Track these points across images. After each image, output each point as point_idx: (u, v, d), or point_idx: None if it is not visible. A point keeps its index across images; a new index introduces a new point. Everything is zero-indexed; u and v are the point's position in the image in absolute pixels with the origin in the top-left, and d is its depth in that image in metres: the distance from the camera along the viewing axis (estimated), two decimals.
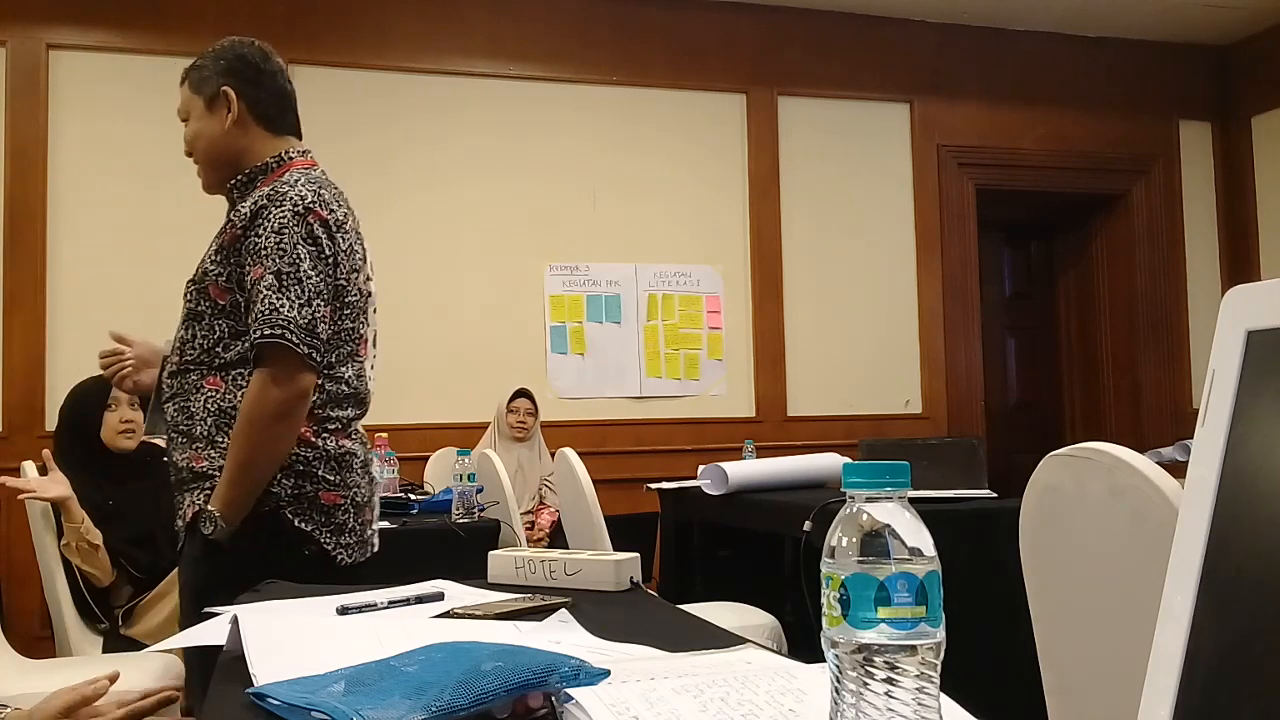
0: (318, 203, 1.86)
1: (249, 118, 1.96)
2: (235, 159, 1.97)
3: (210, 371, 1.88)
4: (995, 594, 1.89)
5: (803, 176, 5.58)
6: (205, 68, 1.97)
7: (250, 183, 1.96)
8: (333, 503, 1.87)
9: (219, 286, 1.87)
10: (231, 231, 1.87)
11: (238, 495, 1.80)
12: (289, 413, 1.80)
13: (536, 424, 4.64)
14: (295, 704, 0.83)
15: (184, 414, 1.90)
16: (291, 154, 1.99)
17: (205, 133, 1.97)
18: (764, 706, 0.78)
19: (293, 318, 1.78)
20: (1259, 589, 0.50)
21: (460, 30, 5.12)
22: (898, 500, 0.64)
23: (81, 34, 4.66)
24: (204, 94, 1.96)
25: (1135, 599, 1.20)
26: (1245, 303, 0.56)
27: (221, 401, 1.86)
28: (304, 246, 1.82)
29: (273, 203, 1.84)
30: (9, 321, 4.47)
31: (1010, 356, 6.59)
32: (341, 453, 1.90)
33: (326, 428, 1.89)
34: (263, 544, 1.81)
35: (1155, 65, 6.16)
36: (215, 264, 1.88)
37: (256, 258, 1.81)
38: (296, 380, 1.79)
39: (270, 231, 1.82)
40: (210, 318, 1.88)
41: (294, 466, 1.84)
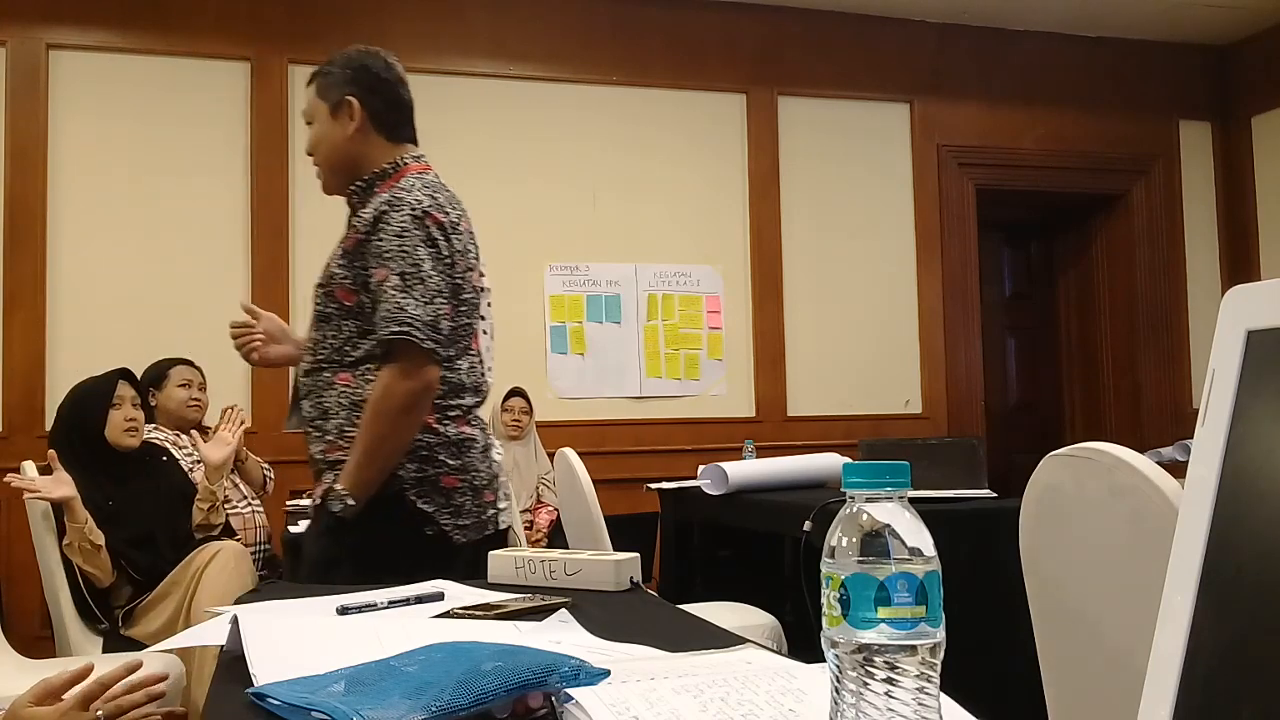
0: (434, 207, 1.98)
1: (369, 126, 2.06)
2: (355, 164, 2.08)
3: (341, 369, 2.00)
4: (995, 594, 1.89)
5: (803, 176, 5.58)
6: (332, 74, 2.09)
7: (369, 189, 2.06)
8: (453, 486, 1.98)
9: (345, 289, 1.99)
10: (354, 237, 1.99)
11: (365, 478, 1.91)
12: (415, 405, 1.92)
13: (531, 423, 4.65)
14: (295, 704, 0.83)
15: (318, 409, 2.02)
16: (406, 159, 2.08)
17: (328, 138, 2.08)
18: (764, 706, 0.78)
19: (418, 315, 1.90)
20: (1259, 589, 0.50)
21: (460, 30, 5.12)
22: (898, 500, 0.64)
23: (81, 34, 4.66)
24: (329, 100, 2.08)
25: (1135, 599, 1.20)
26: (1245, 303, 0.56)
27: (353, 395, 1.98)
28: (424, 248, 1.94)
29: (392, 208, 1.95)
30: (9, 321, 4.47)
31: (1010, 356, 6.59)
32: (462, 438, 2.01)
33: (448, 415, 2.00)
34: (387, 523, 1.92)
35: (1155, 65, 6.16)
36: (341, 268, 2.00)
37: (380, 260, 1.93)
38: (422, 373, 1.91)
39: (392, 235, 1.93)
40: (338, 319, 2.01)
41: (418, 451, 1.95)
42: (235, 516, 3.54)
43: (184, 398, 3.67)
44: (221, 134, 4.78)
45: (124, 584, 3.04)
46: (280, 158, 4.81)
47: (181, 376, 3.70)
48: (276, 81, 4.83)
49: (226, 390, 4.26)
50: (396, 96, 2.11)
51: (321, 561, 1.93)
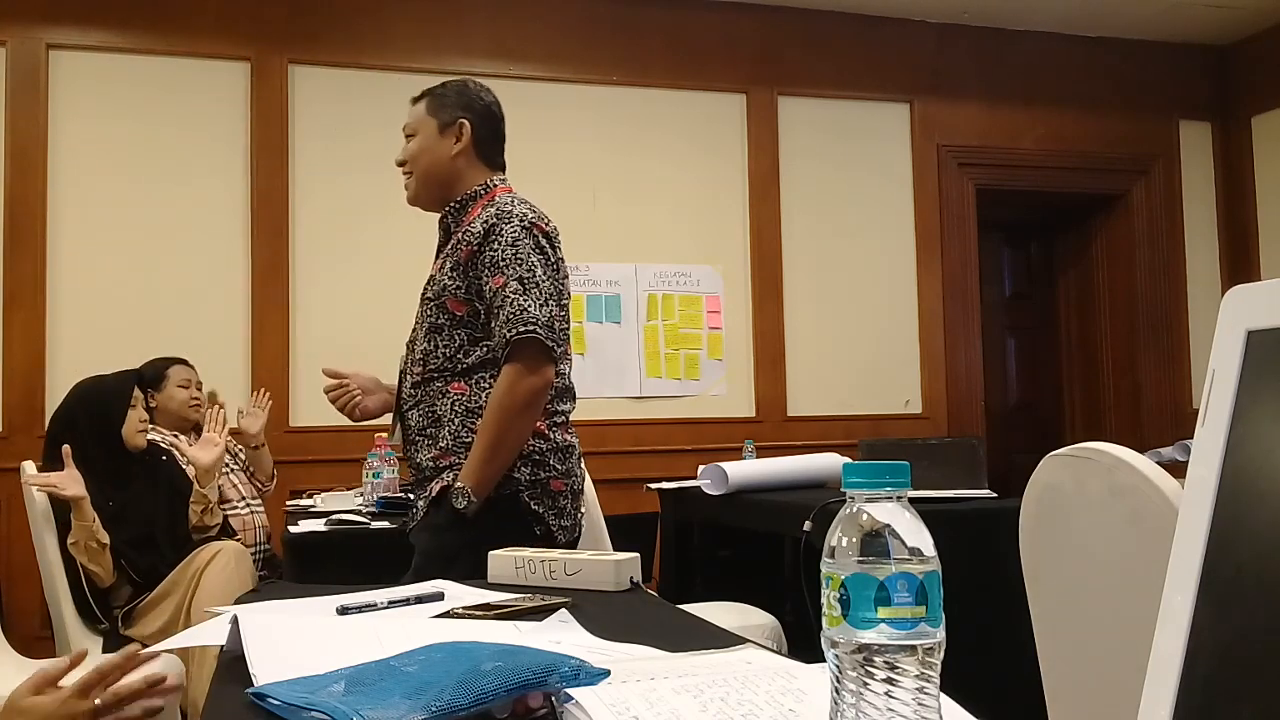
0: (538, 218, 2.12)
1: (473, 149, 2.22)
2: (450, 182, 2.22)
3: (454, 377, 2.11)
4: (995, 594, 1.89)
5: (803, 176, 5.58)
6: (447, 97, 2.25)
7: (463, 209, 2.20)
8: (559, 490, 2.12)
9: (457, 300, 2.10)
10: (467, 249, 2.09)
11: (488, 474, 2.01)
12: (535, 401, 2.04)
13: None
14: (295, 704, 0.83)
15: (429, 418, 2.12)
16: (496, 182, 2.24)
17: (432, 152, 2.23)
18: (764, 706, 0.78)
19: (538, 316, 2.02)
20: (1259, 589, 0.50)
21: (460, 30, 5.12)
22: (898, 500, 0.64)
23: (81, 34, 4.66)
24: (439, 118, 2.23)
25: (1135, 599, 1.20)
26: (1245, 303, 0.56)
27: (468, 403, 2.09)
28: (535, 255, 2.07)
29: (502, 220, 2.08)
30: (9, 321, 4.47)
31: (1010, 356, 6.59)
32: (566, 445, 2.16)
33: (555, 421, 2.14)
34: (504, 522, 2.01)
35: (1155, 65, 6.16)
36: (452, 279, 2.11)
37: (496, 269, 2.04)
38: (544, 371, 2.04)
39: (506, 245, 2.05)
40: (450, 329, 2.12)
41: (531, 456, 2.08)
42: (234, 518, 3.54)
43: (185, 398, 3.68)
44: (221, 134, 4.78)
45: (124, 584, 3.04)
46: (280, 158, 4.81)
47: (180, 377, 3.70)
48: (276, 81, 4.83)
49: (227, 390, 4.26)
50: (500, 129, 2.29)
51: (442, 555, 1.99)
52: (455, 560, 1.90)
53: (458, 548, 1.96)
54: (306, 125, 4.88)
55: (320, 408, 4.89)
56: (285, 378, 4.74)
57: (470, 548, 1.90)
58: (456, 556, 1.92)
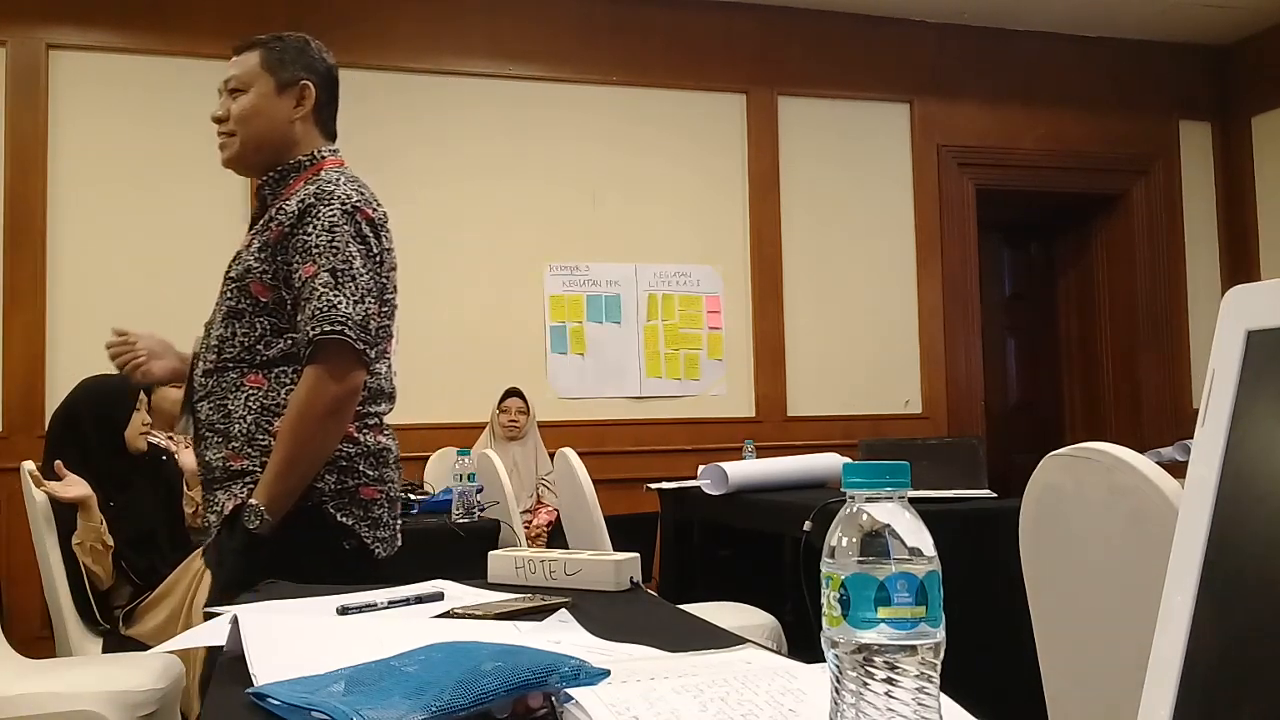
0: (364, 202, 1.90)
1: (312, 117, 2.01)
2: (284, 148, 2.00)
3: (251, 369, 1.88)
4: (995, 594, 1.89)
5: (803, 176, 5.58)
6: (286, 53, 2.03)
7: (283, 179, 1.98)
8: (371, 498, 1.90)
9: (262, 284, 1.87)
10: (278, 229, 1.87)
11: (283, 490, 1.80)
12: (340, 409, 1.82)
13: (530, 422, 4.65)
14: (295, 704, 0.83)
15: (220, 412, 1.89)
16: (324, 153, 2.02)
17: (268, 113, 2.00)
18: (764, 706, 0.78)
19: (349, 314, 1.80)
20: (1259, 589, 0.50)
21: (460, 30, 5.12)
22: (898, 500, 0.64)
23: (81, 34, 4.66)
24: (279, 76, 2.01)
25: (1135, 599, 1.20)
26: (1245, 303, 0.56)
27: (264, 399, 1.87)
28: (355, 245, 1.85)
29: (320, 201, 1.86)
30: (9, 321, 4.47)
31: (1010, 356, 6.59)
32: (380, 448, 1.94)
33: (367, 423, 1.93)
34: (305, 538, 1.82)
35: (1155, 65, 6.16)
36: (259, 261, 1.88)
37: (307, 255, 1.83)
38: (351, 377, 1.82)
39: (321, 230, 1.83)
40: (251, 315, 1.89)
41: (337, 462, 1.86)
42: None
43: (178, 397, 3.66)
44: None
45: (124, 584, 3.04)
46: None
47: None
48: None
49: None
50: (336, 94, 2.08)
51: (234, 583, 1.77)
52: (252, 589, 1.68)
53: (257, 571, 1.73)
54: None
55: None
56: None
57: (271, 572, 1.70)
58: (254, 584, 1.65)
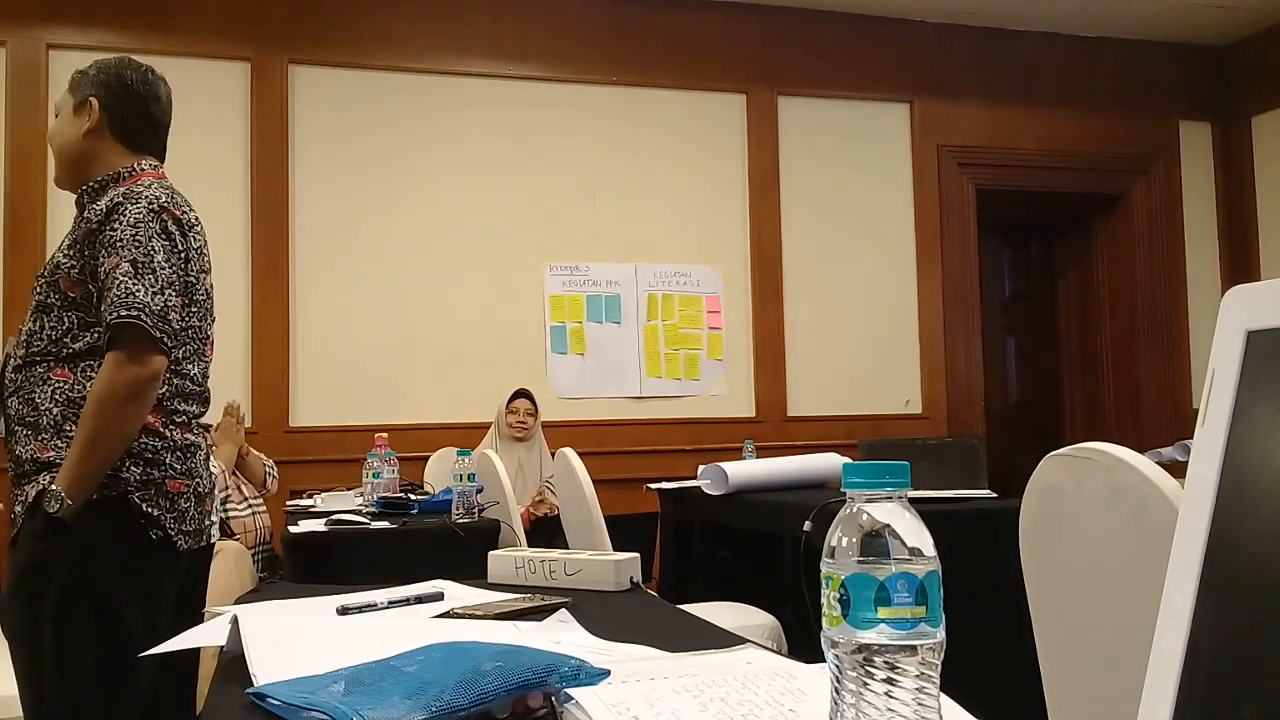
0: (171, 203, 1.96)
1: (106, 130, 2.06)
2: (84, 163, 2.06)
3: (58, 363, 1.93)
4: (995, 594, 1.89)
5: (803, 176, 5.58)
6: (85, 75, 2.09)
7: (101, 190, 2.03)
8: (178, 490, 1.95)
9: (70, 279, 1.93)
10: (86, 227, 1.93)
11: (84, 473, 1.83)
12: (140, 393, 1.86)
13: (537, 424, 4.64)
14: (295, 704, 0.83)
15: (29, 406, 1.93)
16: (144, 166, 2.07)
17: (64, 132, 2.08)
18: (764, 706, 0.78)
19: (146, 302, 1.85)
20: (1259, 589, 0.50)
21: (460, 30, 5.12)
22: (898, 500, 0.64)
23: (81, 34, 4.66)
24: (74, 97, 2.08)
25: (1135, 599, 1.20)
26: (1245, 303, 0.56)
27: (70, 392, 1.91)
28: (158, 240, 1.91)
29: (128, 200, 1.92)
30: (9, 322, 4.47)
31: (1010, 356, 6.59)
32: (186, 444, 1.99)
33: (174, 420, 1.97)
34: (109, 526, 1.86)
35: (1155, 65, 6.16)
36: (68, 257, 1.94)
37: (111, 249, 1.88)
38: (149, 362, 1.86)
39: (126, 225, 1.89)
40: (59, 310, 1.94)
41: (143, 454, 1.91)
42: (235, 520, 3.54)
43: None
44: (221, 134, 4.78)
45: None
46: (280, 158, 4.81)
47: None
48: (276, 81, 4.83)
49: (227, 390, 4.26)
50: (145, 111, 2.10)
51: (32, 565, 1.83)
52: (53, 569, 1.80)
53: (58, 556, 1.81)
54: (306, 125, 4.88)
55: (320, 408, 4.92)
56: (285, 378, 4.74)
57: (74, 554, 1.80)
58: (54, 565, 1.80)
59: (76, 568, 1.76)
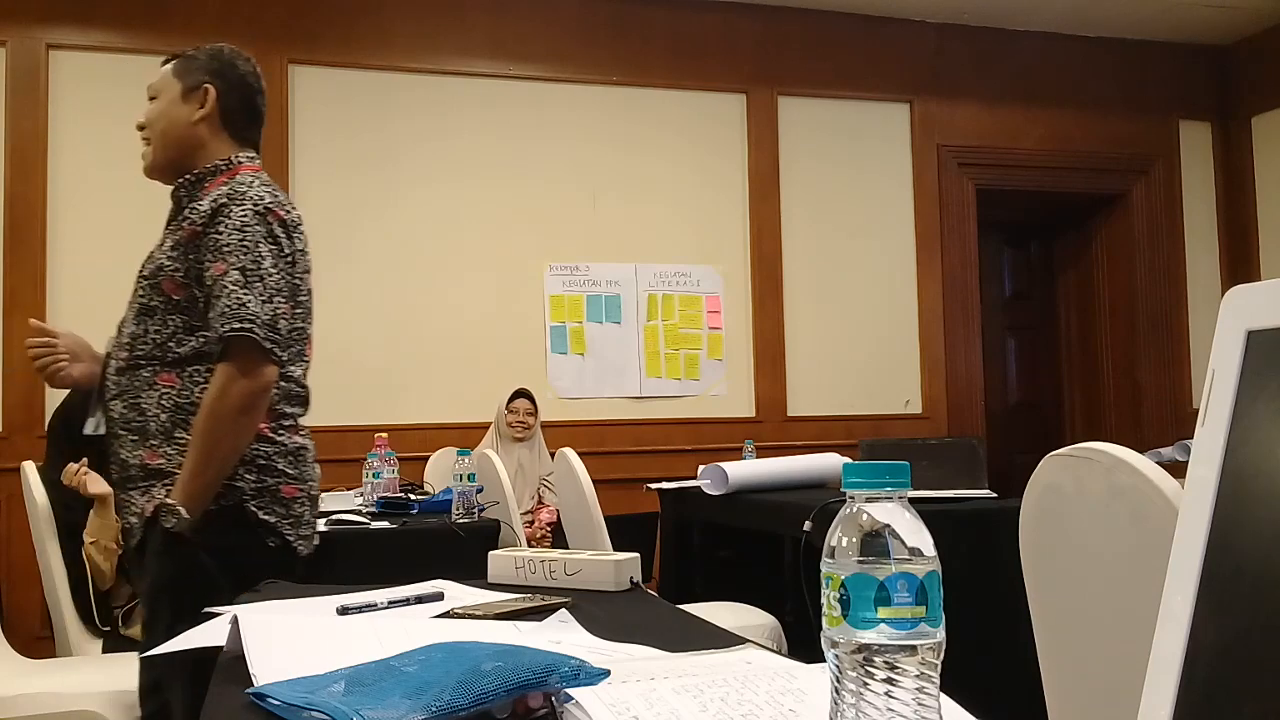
0: (275, 204, 1.91)
1: (217, 119, 2.02)
2: (190, 151, 2.01)
3: (164, 367, 1.90)
4: (995, 594, 1.89)
5: (803, 176, 5.58)
6: (196, 60, 2.04)
7: (199, 183, 1.99)
8: (292, 495, 1.93)
9: (174, 281, 1.90)
10: (190, 228, 1.90)
11: (200, 488, 1.81)
12: (253, 406, 1.83)
13: (537, 424, 4.64)
14: (295, 704, 0.83)
15: (135, 410, 1.90)
16: (241, 158, 2.03)
17: (170, 115, 2.02)
18: (764, 706, 0.78)
19: (257, 313, 1.82)
20: (1259, 589, 0.50)
21: (460, 30, 5.12)
22: (898, 500, 0.64)
23: (81, 34, 4.66)
24: (184, 82, 2.02)
25: (1135, 599, 1.20)
26: (1245, 303, 0.56)
27: (178, 397, 1.88)
28: (265, 244, 1.86)
29: (233, 201, 1.87)
30: (9, 321, 4.47)
31: (1010, 356, 6.58)
32: (297, 447, 1.96)
33: (283, 424, 1.95)
34: (228, 536, 1.84)
35: (1155, 65, 6.16)
36: (171, 259, 1.90)
37: (218, 254, 1.84)
38: (261, 374, 1.83)
39: (233, 229, 1.85)
40: (163, 313, 1.91)
41: (255, 461, 1.88)
42: None
43: None
44: None
45: (123, 584, 3.04)
46: (280, 158, 4.80)
47: None
48: (276, 81, 4.83)
49: None
50: (254, 103, 2.09)
51: (165, 584, 1.82)
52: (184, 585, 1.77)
53: (185, 575, 1.80)
54: (306, 125, 4.88)
55: (320, 408, 4.90)
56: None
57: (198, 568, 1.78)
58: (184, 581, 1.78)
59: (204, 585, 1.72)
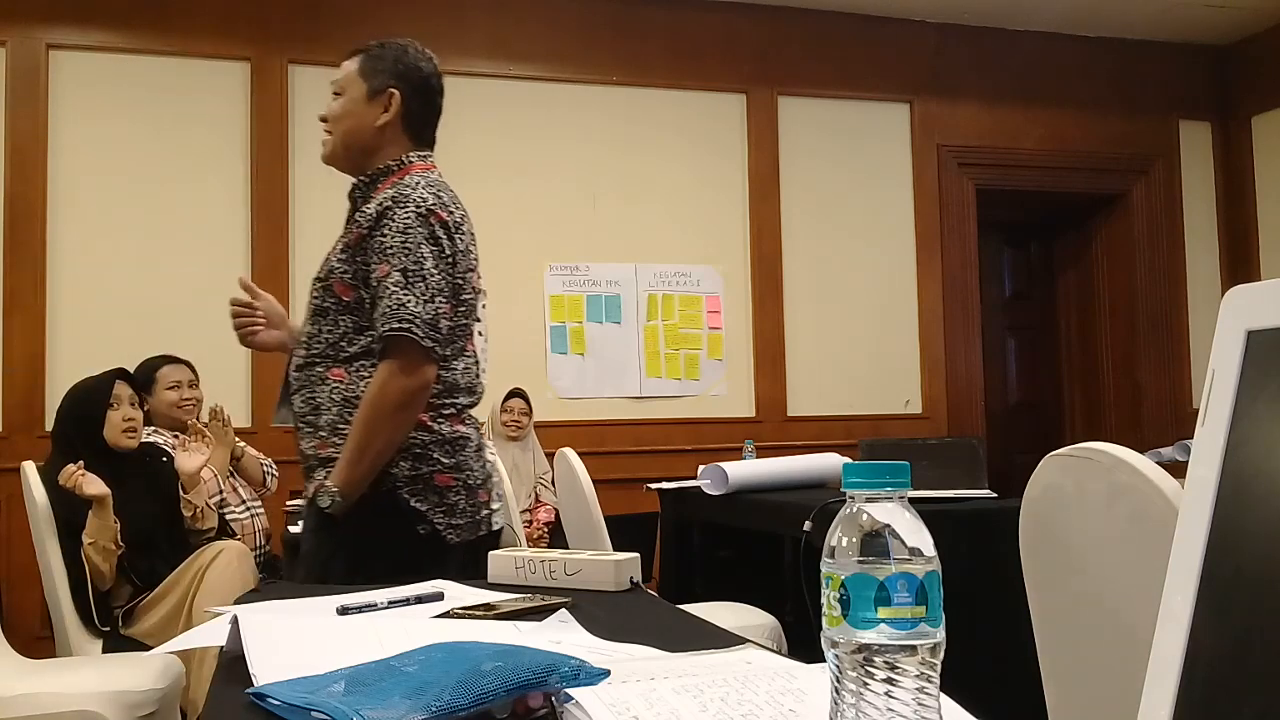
0: (438, 205, 1.99)
1: (400, 123, 2.08)
2: (370, 152, 2.09)
3: (335, 364, 2.01)
4: (995, 594, 1.89)
5: (803, 176, 5.57)
6: (383, 59, 2.09)
7: (373, 183, 2.08)
8: (446, 484, 1.98)
9: (344, 283, 2.00)
10: (357, 231, 1.99)
11: (356, 475, 1.91)
12: (410, 402, 1.93)
13: (530, 424, 4.65)
14: (295, 704, 0.83)
15: (310, 405, 2.03)
16: (413, 158, 2.09)
17: (356, 115, 2.08)
18: (764, 706, 0.78)
19: (418, 313, 1.91)
20: (1259, 589, 0.50)
21: (460, 30, 5.12)
22: (898, 500, 0.64)
23: (81, 34, 4.66)
24: (370, 83, 2.08)
25: (1135, 599, 1.20)
26: (1245, 303, 0.56)
27: (346, 391, 1.99)
28: (427, 246, 1.95)
29: (397, 204, 1.96)
30: (9, 321, 4.47)
31: (1010, 356, 6.58)
32: (455, 436, 2.02)
33: (442, 413, 2.01)
34: (379, 521, 1.92)
35: (1155, 65, 6.15)
36: (341, 262, 2.00)
37: (383, 256, 1.94)
38: (420, 372, 1.92)
39: (396, 232, 1.94)
40: (335, 313, 2.01)
41: (411, 449, 1.96)
42: (234, 522, 3.53)
43: (174, 399, 3.64)
44: (221, 134, 4.78)
45: (123, 584, 3.04)
46: (280, 158, 4.81)
47: (169, 379, 3.65)
48: (276, 81, 4.83)
49: (226, 389, 4.26)
50: (434, 104, 2.14)
51: (316, 558, 1.94)
52: (330, 563, 1.89)
53: (330, 549, 1.92)
54: (306, 125, 4.87)
55: None
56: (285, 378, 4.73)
57: (344, 549, 1.89)
58: (330, 559, 1.90)
59: (351, 561, 1.82)
